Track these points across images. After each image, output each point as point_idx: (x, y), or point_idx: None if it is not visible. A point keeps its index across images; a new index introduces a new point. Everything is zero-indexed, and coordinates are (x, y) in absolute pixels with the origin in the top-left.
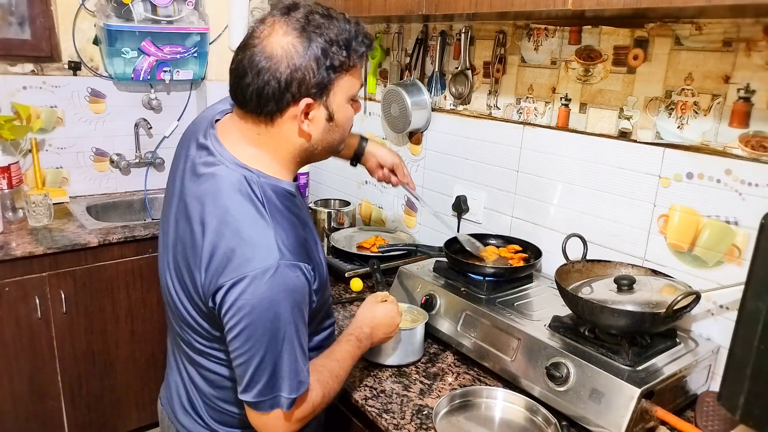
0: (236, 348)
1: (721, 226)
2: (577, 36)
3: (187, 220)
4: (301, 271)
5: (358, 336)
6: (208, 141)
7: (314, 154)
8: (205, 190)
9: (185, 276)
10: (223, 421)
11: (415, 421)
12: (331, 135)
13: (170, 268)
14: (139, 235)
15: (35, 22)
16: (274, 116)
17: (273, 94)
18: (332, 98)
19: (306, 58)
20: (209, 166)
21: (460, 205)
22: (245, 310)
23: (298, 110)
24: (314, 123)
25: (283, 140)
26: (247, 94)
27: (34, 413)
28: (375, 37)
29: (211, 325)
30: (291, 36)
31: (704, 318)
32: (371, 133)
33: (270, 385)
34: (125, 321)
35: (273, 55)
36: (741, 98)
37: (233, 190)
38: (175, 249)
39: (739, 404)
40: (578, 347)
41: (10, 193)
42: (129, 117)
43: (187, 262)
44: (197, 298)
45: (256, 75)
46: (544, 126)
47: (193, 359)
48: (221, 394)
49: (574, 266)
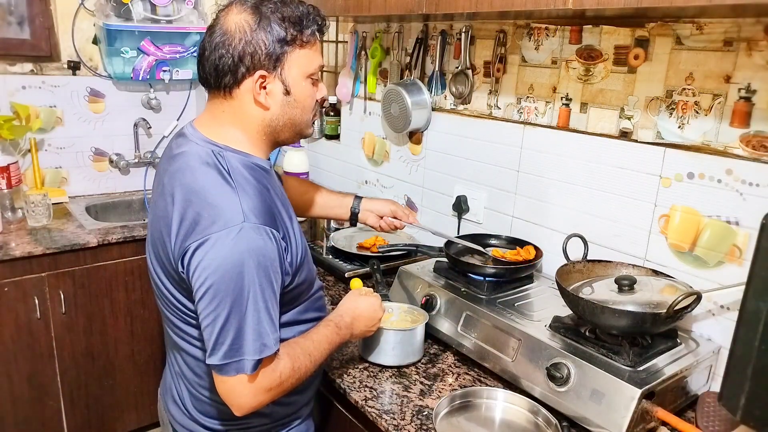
0: (202, 310)
1: (721, 226)
2: (577, 35)
3: (161, 196)
4: (267, 234)
5: (338, 323)
6: (185, 129)
7: (278, 131)
8: (176, 166)
9: (160, 250)
10: (204, 411)
11: (415, 421)
12: (291, 110)
13: (150, 250)
14: (138, 235)
15: (34, 21)
16: (233, 89)
17: (228, 67)
18: (287, 72)
19: (258, 32)
20: (181, 147)
21: (461, 205)
22: (209, 270)
23: (253, 82)
24: (271, 95)
25: (244, 113)
26: (207, 70)
27: (33, 413)
28: (375, 36)
29: (186, 297)
30: (245, 13)
31: (705, 318)
32: (371, 132)
33: (235, 347)
34: (124, 321)
35: (227, 30)
36: (742, 98)
37: (200, 163)
38: (153, 228)
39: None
40: (579, 348)
41: (9, 193)
42: (128, 117)
43: (161, 235)
44: (170, 269)
45: (213, 50)
46: (545, 126)
47: (178, 345)
48: (200, 381)
49: (574, 266)
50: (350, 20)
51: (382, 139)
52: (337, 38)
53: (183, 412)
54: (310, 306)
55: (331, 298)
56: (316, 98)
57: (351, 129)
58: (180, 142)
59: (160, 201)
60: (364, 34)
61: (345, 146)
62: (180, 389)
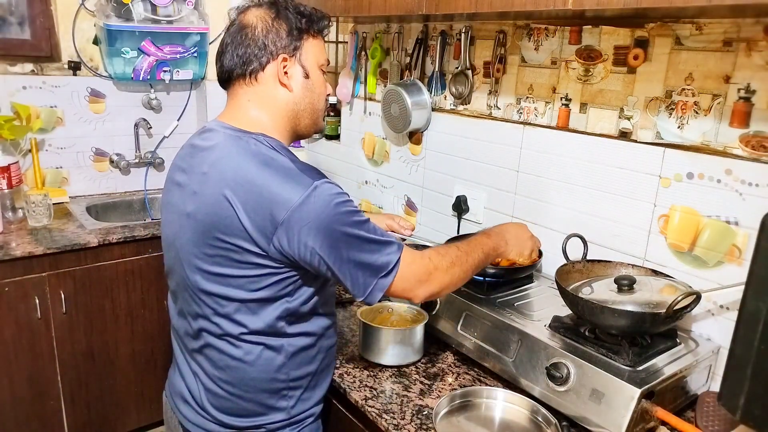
0: (325, 266)
1: (721, 226)
2: (577, 36)
3: (210, 186)
4: (333, 183)
5: (485, 231)
6: (210, 125)
7: (299, 116)
8: (217, 156)
9: (217, 246)
10: (222, 408)
11: (415, 421)
12: (310, 94)
13: (188, 246)
14: (138, 235)
15: (35, 21)
16: (258, 74)
17: (254, 54)
18: (305, 57)
19: (277, 21)
20: (210, 140)
21: (460, 205)
22: (307, 232)
23: (277, 64)
24: (292, 78)
25: (269, 96)
26: (231, 61)
27: (33, 413)
28: (375, 37)
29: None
30: (262, 9)
31: (704, 318)
32: (371, 133)
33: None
34: (125, 321)
35: (248, 24)
36: (741, 98)
37: (241, 150)
38: (194, 223)
39: (739, 404)
40: (578, 347)
41: (9, 193)
42: (129, 117)
43: (220, 223)
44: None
45: (238, 43)
46: (545, 126)
47: (197, 343)
48: (225, 375)
49: (574, 266)
50: (350, 21)
51: (382, 140)
52: (337, 39)
53: (197, 412)
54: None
55: None
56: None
57: (351, 129)
58: (208, 136)
59: (207, 190)
60: (364, 34)
61: (345, 146)
62: (195, 388)
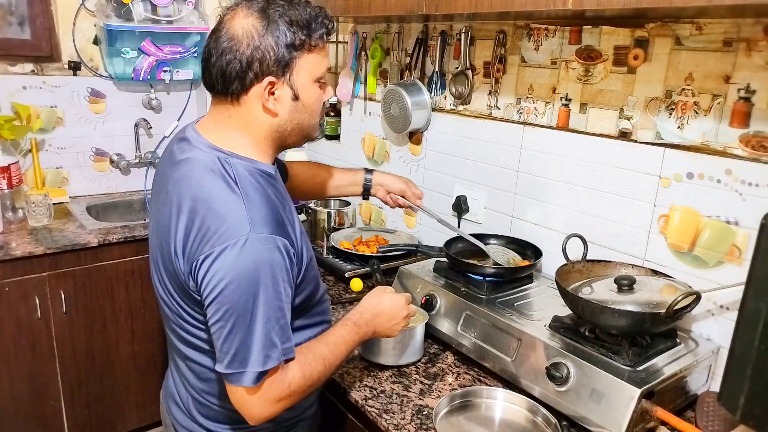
0: (211, 317)
1: (721, 226)
2: (577, 36)
3: (167, 205)
4: (274, 244)
5: (356, 321)
6: (187, 133)
7: (285, 136)
8: (181, 174)
9: (166, 260)
10: (208, 415)
11: (415, 421)
12: (299, 115)
13: (157, 258)
14: (139, 235)
15: (35, 22)
16: (240, 95)
17: (236, 73)
18: (295, 77)
19: (266, 38)
20: (185, 153)
21: (460, 205)
22: (216, 280)
23: (262, 88)
24: (279, 101)
25: (251, 119)
26: (213, 76)
27: (34, 413)
28: (375, 37)
29: (193, 307)
30: (252, 18)
31: (704, 318)
32: (371, 133)
33: (239, 358)
34: (125, 321)
35: (234, 35)
36: (741, 98)
37: (206, 170)
38: (157, 237)
39: (739, 404)
40: (578, 347)
41: (10, 193)
42: (129, 117)
43: (168, 246)
44: (178, 279)
45: (220, 56)
46: (545, 126)
47: (182, 352)
48: (207, 387)
49: (574, 266)
50: (350, 21)
51: (382, 140)
52: (338, 39)
53: (186, 415)
54: (317, 310)
55: (331, 298)
56: (324, 101)
57: (351, 129)
58: (183, 147)
59: (164, 210)
60: (364, 34)
61: (345, 146)
62: (183, 394)
